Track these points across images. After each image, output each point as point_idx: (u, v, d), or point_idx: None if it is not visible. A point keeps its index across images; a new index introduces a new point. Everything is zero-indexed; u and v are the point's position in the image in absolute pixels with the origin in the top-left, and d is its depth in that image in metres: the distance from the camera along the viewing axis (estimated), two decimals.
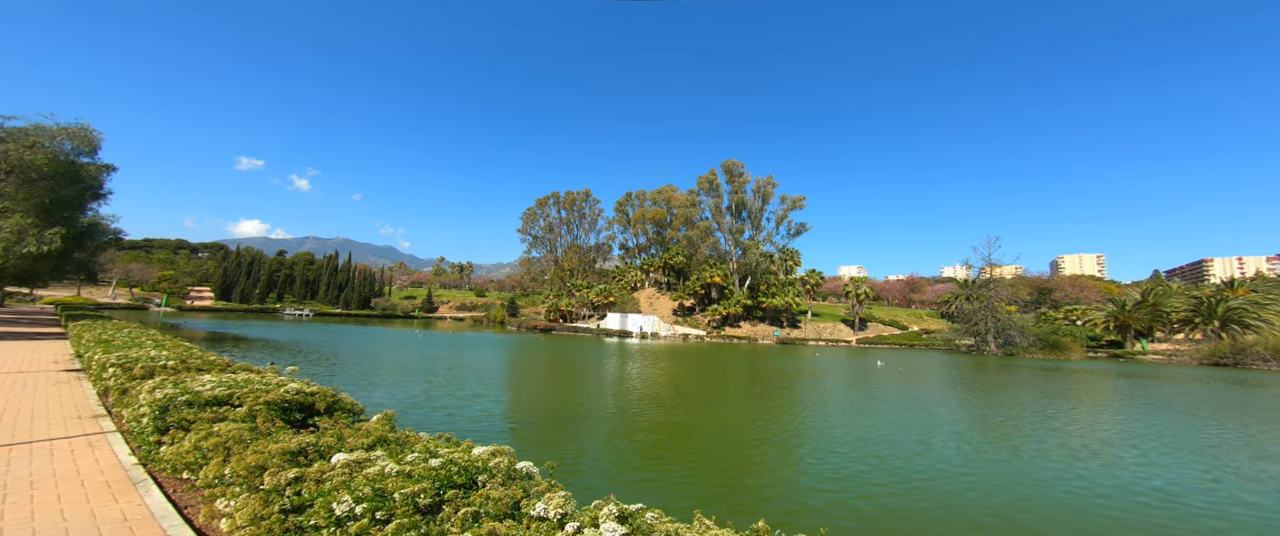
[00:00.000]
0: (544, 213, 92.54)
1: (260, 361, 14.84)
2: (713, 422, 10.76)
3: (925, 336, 64.23)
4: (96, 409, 6.50)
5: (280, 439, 3.22)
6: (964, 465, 8.03)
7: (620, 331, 63.94)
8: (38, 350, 12.57)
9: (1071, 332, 52.33)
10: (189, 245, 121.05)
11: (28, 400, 6.76)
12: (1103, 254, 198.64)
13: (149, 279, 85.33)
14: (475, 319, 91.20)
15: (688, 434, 9.66)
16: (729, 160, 74.69)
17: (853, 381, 20.06)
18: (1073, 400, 16.73)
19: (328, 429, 3.41)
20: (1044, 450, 9.29)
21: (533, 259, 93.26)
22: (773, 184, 72.89)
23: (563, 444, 8.55)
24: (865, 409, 13.41)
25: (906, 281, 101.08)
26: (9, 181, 13.26)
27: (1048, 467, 8.07)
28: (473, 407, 11.00)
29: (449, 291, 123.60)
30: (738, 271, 71.65)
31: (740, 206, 73.78)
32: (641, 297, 79.76)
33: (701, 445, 8.91)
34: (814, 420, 11.57)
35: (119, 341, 8.96)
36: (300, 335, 33.61)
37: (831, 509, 5.92)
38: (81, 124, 14.93)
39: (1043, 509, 6.23)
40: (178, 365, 6.16)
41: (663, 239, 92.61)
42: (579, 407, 11.82)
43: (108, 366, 6.13)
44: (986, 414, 13.47)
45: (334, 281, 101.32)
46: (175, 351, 7.26)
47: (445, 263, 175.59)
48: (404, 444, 3.11)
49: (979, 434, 10.82)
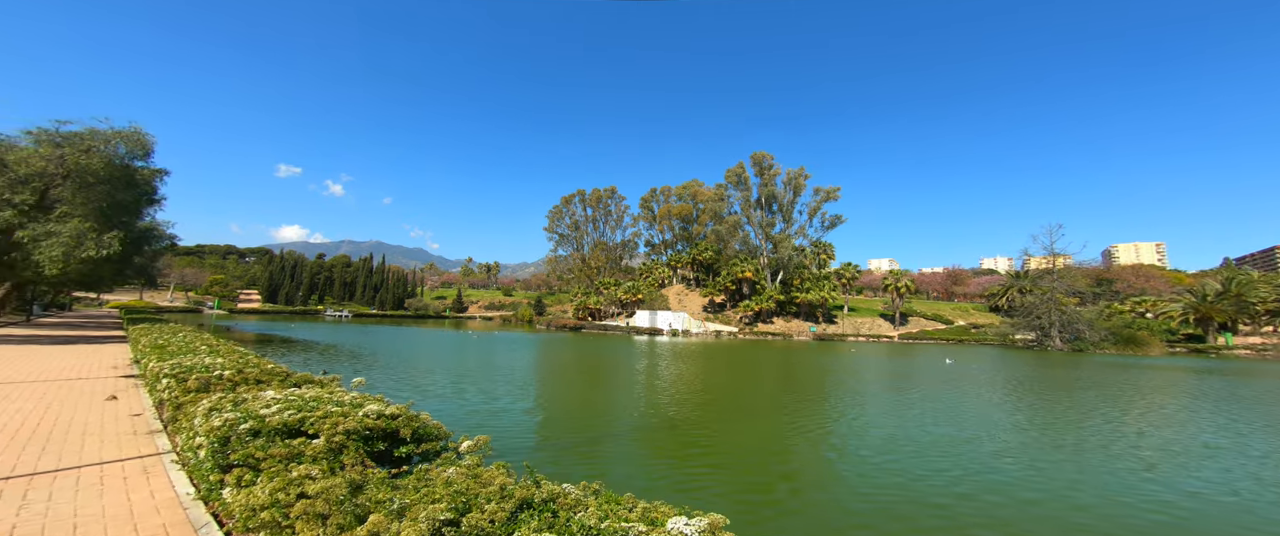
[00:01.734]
0: (569, 210, 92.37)
1: (314, 367, 14.56)
2: (793, 432, 9.60)
3: (974, 331, 60.57)
4: (153, 423, 5.95)
5: (379, 492, 2.34)
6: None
7: (650, 329, 63.04)
8: (99, 354, 12.57)
9: (1147, 326, 48.08)
10: (237, 250, 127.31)
11: (82, 411, 6.30)
12: (1162, 242, 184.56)
13: (202, 283, 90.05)
14: (504, 318, 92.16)
15: (773, 449, 8.56)
16: (758, 152, 72.42)
17: (922, 382, 18.40)
18: (1212, 401, 14.65)
19: (445, 480, 2.51)
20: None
21: (559, 257, 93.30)
22: (804, 175, 70.17)
23: (665, 461, 7.60)
24: (958, 416, 11.92)
25: (948, 273, 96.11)
26: (66, 186, 13.41)
27: None
28: (532, 416, 10.23)
29: (477, 291, 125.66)
30: (769, 266, 69.51)
31: (770, 199, 71.41)
32: (670, 294, 78.61)
33: (793, 461, 7.79)
34: (917, 429, 10.21)
35: (174, 347, 8.57)
36: (345, 337, 34.12)
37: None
38: (134, 127, 15.04)
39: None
40: (235, 375, 5.50)
41: (689, 235, 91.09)
42: (653, 416, 10.88)
43: (162, 376, 5.55)
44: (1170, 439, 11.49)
45: (369, 283, 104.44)
46: (231, 360, 6.68)
47: (473, 263, 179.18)
48: (555, 505, 2.16)
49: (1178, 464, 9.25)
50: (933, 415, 11.66)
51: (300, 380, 5.60)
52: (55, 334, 18.79)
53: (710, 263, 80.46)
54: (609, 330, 63.91)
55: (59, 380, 8.58)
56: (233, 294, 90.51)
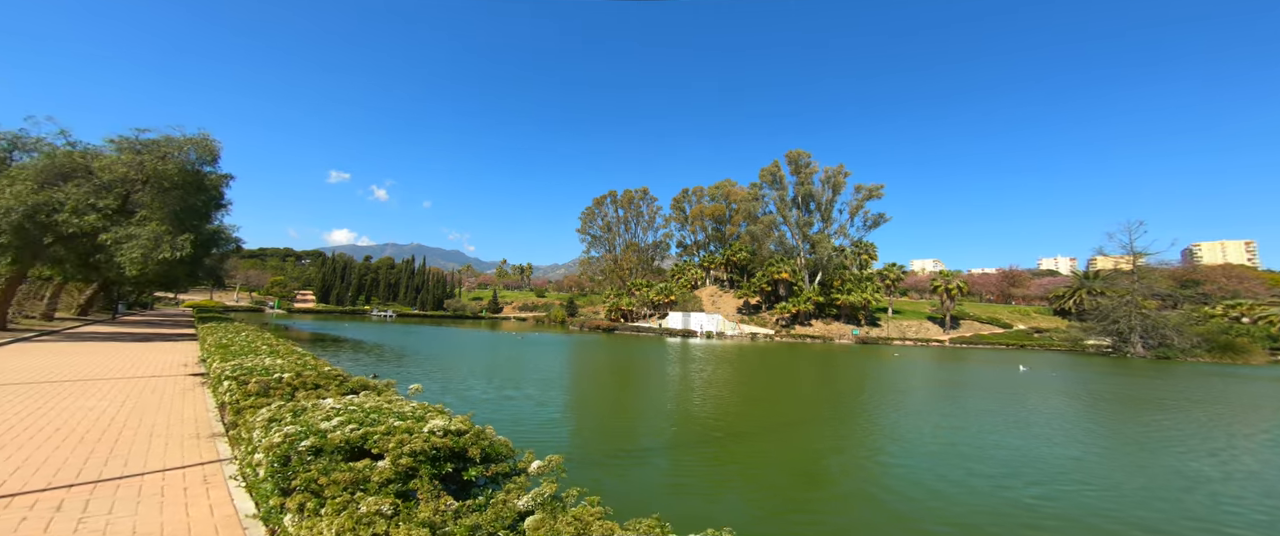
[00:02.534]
0: (601, 212, 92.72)
1: (366, 369, 14.81)
2: (868, 449, 8.70)
3: (1037, 336, 55.99)
4: (215, 426, 5.90)
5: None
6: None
7: (684, 331, 62.08)
8: (172, 352, 13.23)
9: (1246, 331, 42.83)
10: (294, 253, 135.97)
11: (149, 412, 6.35)
12: (1252, 240, 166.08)
13: (264, 284, 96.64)
14: (537, 319, 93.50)
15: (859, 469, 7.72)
16: (793, 150, 70.11)
17: (996, 390, 16.75)
18: None
19: (536, 519, 2.01)
20: None
21: (592, 259, 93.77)
22: (844, 173, 67.25)
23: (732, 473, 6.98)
24: (1072, 435, 10.55)
25: (1003, 275, 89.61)
26: (145, 191, 14.31)
27: None
28: (583, 424, 9.81)
29: (511, 292, 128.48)
30: (807, 267, 67.03)
31: (808, 198, 68.85)
32: (703, 296, 77.32)
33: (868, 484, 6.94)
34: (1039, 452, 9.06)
35: (237, 346, 8.73)
36: (392, 337, 35.32)
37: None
38: (203, 134, 15.95)
39: None
40: (293, 379, 5.32)
41: (722, 236, 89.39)
42: (709, 426, 10.26)
43: (223, 377, 5.46)
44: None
45: (411, 284, 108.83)
46: (290, 361, 6.59)
47: (507, 264, 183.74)
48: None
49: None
50: (1041, 433, 10.37)
51: (357, 385, 5.36)
52: (135, 331, 20.24)
53: (744, 264, 78.58)
54: (642, 332, 63.47)
55: (132, 377, 8.90)
56: (290, 294, 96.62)
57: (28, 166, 13.92)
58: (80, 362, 10.45)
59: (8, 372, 8.80)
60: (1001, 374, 23.04)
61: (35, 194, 13.05)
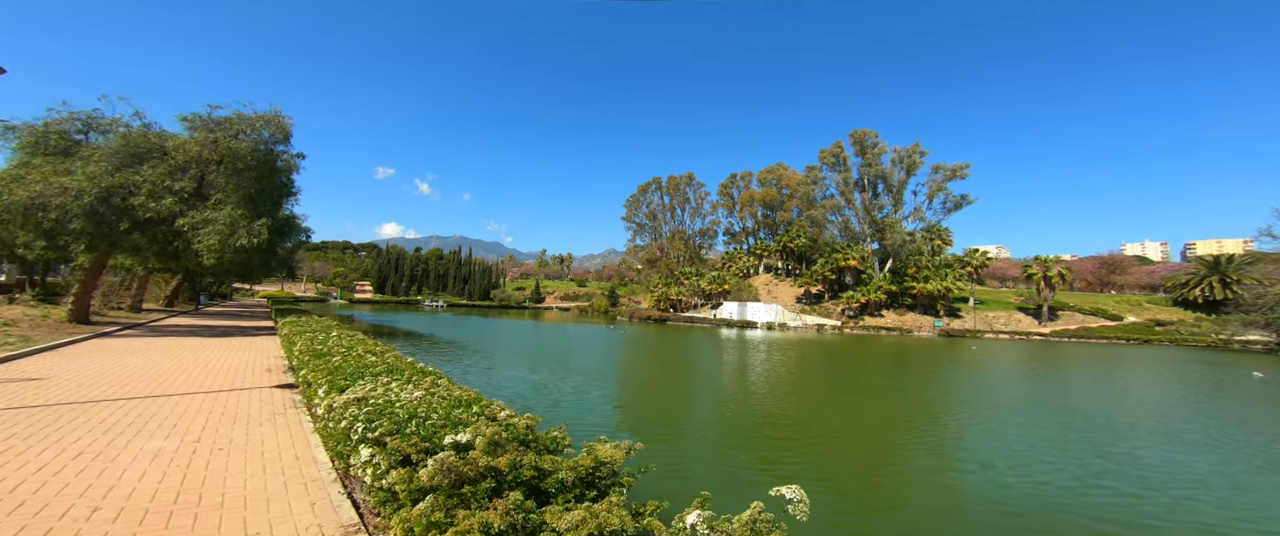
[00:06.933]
0: (647, 199, 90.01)
1: (433, 362, 12.97)
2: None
3: (1160, 329, 48.60)
4: (327, 479, 3.77)
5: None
6: None
7: (741, 322, 58.76)
8: (253, 351, 11.85)
9: None
10: (352, 245, 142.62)
11: (238, 457, 4.35)
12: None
13: (327, 275, 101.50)
14: (579, 308, 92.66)
15: None
16: (858, 130, 64.11)
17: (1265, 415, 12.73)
18: None
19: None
20: None
21: (638, 247, 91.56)
22: (919, 152, 60.90)
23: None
24: None
25: (1102, 261, 79.73)
26: (219, 172, 13.14)
27: None
28: (656, 427, 7.33)
29: (553, 282, 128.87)
30: (877, 254, 61.66)
31: (876, 180, 63.03)
32: (758, 284, 73.44)
33: None
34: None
35: (331, 349, 6.80)
36: (449, 330, 34.56)
37: None
38: (275, 110, 14.70)
39: None
40: (439, 421, 3.02)
41: (773, 222, 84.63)
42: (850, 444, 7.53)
43: (356, 439, 3.26)
44: None
45: (458, 274, 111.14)
46: (420, 383, 4.40)
47: (547, 255, 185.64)
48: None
49: None
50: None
51: (505, 421, 3.01)
52: (215, 324, 19.76)
53: (803, 250, 73.80)
54: (695, 323, 60.62)
55: (209, 392, 7.18)
56: (350, 285, 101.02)
57: (102, 147, 13.03)
58: (152, 366, 9.00)
59: (62, 382, 7.15)
60: (1204, 378, 18.61)
61: (110, 176, 12.02)
